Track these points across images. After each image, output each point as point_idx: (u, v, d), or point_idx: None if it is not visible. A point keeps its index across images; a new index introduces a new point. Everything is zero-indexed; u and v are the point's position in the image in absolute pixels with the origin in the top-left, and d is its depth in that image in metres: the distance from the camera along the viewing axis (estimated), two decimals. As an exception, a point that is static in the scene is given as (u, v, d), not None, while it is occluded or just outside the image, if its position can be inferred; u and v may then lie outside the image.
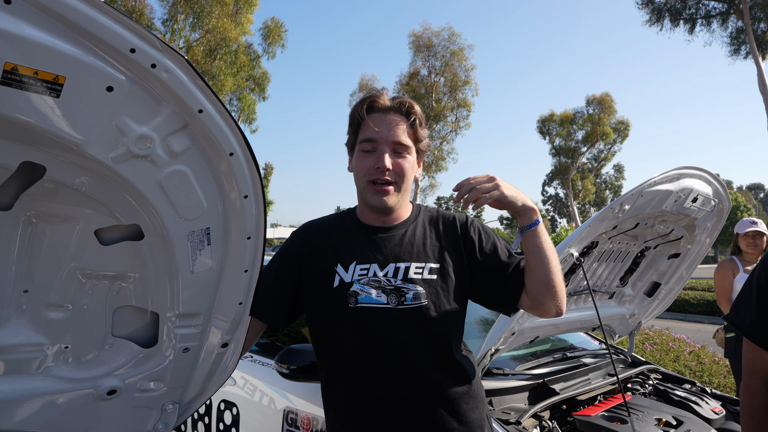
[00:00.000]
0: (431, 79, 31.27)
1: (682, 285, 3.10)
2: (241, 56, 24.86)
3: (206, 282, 1.17)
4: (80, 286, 1.10)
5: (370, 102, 1.45)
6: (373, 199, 1.45)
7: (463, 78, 30.85)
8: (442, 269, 1.47)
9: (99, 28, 0.80)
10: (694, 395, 2.68)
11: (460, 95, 31.33)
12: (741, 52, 21.13)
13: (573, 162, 40.95)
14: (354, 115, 1.48)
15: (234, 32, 23.85)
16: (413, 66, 31.41)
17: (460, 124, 32.04)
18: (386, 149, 1.43)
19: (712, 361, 5.64)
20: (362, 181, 1.46)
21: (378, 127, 1.43)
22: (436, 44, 30.65)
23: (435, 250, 1.50)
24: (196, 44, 23.81)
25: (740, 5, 19.98)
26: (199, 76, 0.92)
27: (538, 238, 1.41)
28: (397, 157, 1.45)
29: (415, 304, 1.42)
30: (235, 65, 24.71)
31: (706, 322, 11.82)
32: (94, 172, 0.95)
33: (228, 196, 1.09)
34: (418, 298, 1.42)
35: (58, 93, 0.81)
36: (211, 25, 23.61)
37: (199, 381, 1.33)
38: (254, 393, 2.60)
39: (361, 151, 1.46)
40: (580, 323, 2.87)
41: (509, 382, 2.35)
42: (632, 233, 2.62)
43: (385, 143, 1.43)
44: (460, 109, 31.69)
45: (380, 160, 1.42)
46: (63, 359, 1.15)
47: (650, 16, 22.14)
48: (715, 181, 2.47)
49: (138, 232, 1.07)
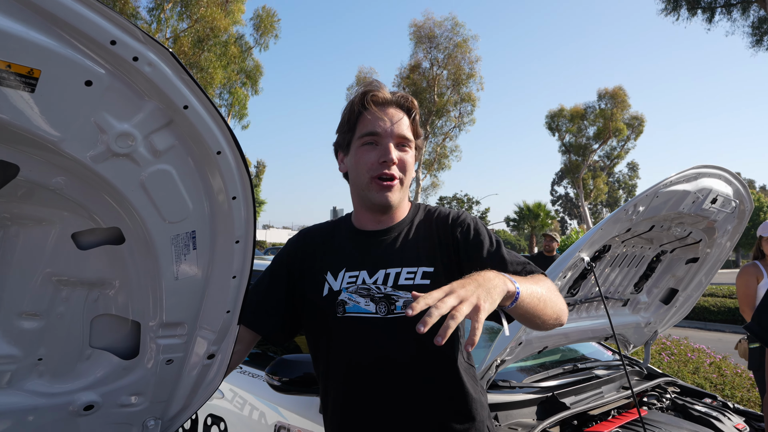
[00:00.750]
0: (433, 71, 31.35)
1: (701, 291, 3.10)
2: (231, 47, 24.90)
3: (191, 289, 1.17)
4: (56, 293, 1.09)
5: (372, 95, 1.46)
6: (377, 196, 1.45)
7: (467, 71, 30.96)
8: (436, 273, 1.45)
9: (77, 19, 0.80)
10: (715, 410, 2.68)
11: (464, 89, 31.43)
12: (764, 42, 21.15)
13: (584, 160, 41.00)
14: (352, 109, 1.48)
15: (224, 22, 23.91)
16: (414, 58, 31.51)
17: (464, 119, 32.16)
18: (391, 142, 1.44)
19: (735, 374, 5.63)
20: (364, 178, 1.45)
21: (381, 120, 1.44)
22: (439, 35, 30.76)
23: (428, 253, 1.48)
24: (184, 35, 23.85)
25: (762, -7, 20.03)
26: (184, 70, 0.92)
27: (525, 304, 1.23)
28: (401, 151, 1.46)
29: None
30: (226, 57, 24.76)
31: (728, 331, 11.82)
32: (72, 172, 0.95)
33: (215, 197, 1.09)
34: (409, 306, 1.41)
35: (32, 87, 0.80)
36: (199, 15, 23.65)
37: (183, 395, 1.33)
38: (243, 407, 2.60)
39: (363, 145, 1.45)
40: (591, 332, 2.87)
41: (516, 396, 2.35)
42: (647, 236, 2.62)
43: (389, 136, 1.44)
44: (463, 104, 31.81)
45: (386, 153, 1.42)
46: (36, 372, 1.14)
47: (666, 4, 22.16)
48: (736, 180, 2.47)
49: (118, 235, 1.07)
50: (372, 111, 1.44)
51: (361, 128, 1.46)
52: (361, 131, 1.46)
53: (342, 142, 1.53)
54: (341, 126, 1.53)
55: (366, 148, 1.45)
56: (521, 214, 37.31)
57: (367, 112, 1.44)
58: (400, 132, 1.45)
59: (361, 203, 1.53)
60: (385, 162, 1.42)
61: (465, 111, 31.94)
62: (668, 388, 2.98)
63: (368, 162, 1.44)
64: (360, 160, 1.46)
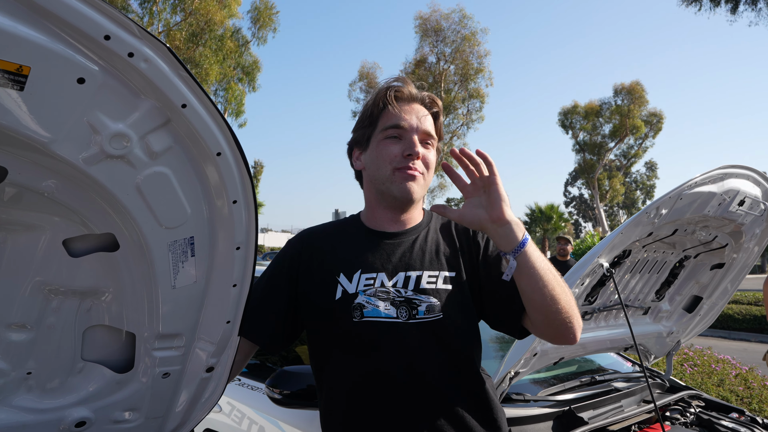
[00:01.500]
0: (440, 66, 31.38)
1: (727, 299, 3.08)
2: (227, 42, 24.98)
3: (189, 298, 1.16)
4: (46, 303, 1.09)
5: (396, 90, 1.48)
6: (399, 188, 1.45)
7: (476, 66, 30.97)
8: (458, 278, 1.47)
9: (69, 12, 0.79)
10: (743, 426, 2.66)
11: (472, 85, 31.43)
12: (790, 34, 21.08)
13: (599, 159, 40.97)
14: (375, 104, 1.49)
15: (219, 15, 23.99)
16: (420, 52, 31.55)
17: (473, 116, 32.13)
18: (415, 137, 1.45)
19: (762, 386, 5.59)
20: (386, 170, 1.45)
21: (407, 114, 1.46)
22: (446, 28, 30.78)
23: (449, 258, 1.49)
24: (177, 28, 23.95)
25: (789, -18, 19.97)
26: (182, 67, 0.91)
27: (530, 258, 1.30)
28: (424, 148, 1.48)
29: (430, 318, 1.40)
30: (221, 52, 24.84)
31: (754, 340, 11.76)
32: (63, 175, 0.94)
33: (214, 201, 1.08)
34: (432, 310, 1.41)
35: (21, 85, 0.80)
36: (194, 7, 23.75)
37: (180, 410, 1.32)
38: (242, 421, 2.59)
39: (386, 138, 1.46)
40: (610, 342, 2.85)
41: (531, 410, 2.33)
42: (669, 241, 2.61)
43: (415, 132, 1.45)
44: (472, 100, 31.80)
45: (412, 146, 1.44)
46: (25, 387, 1.14)
47: (687, -6, 22.13)
48: (765, 181, 2.45)
49: (112, 242, 1.06)
50: (397, 105, 1.46)
51: (384, 122, 1.47)
52: (385, 124, 1.47)
53: (360, 138, 1.54)
54: (361, 121, 1.54)
55: (389, 141, 1.46)
56: (533, 216, 37.24)
57: (392, 107, 1.46)
58: (426, 128, 1.47)
59: (378, 200, 1.53)
60: (410, 155, 1.43)
61: (473, 108, 31.96)
62: (692, 402, 2.96)
63: (391, 154, 1.45)
64: (382, 152, 1.46)
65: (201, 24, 23.93)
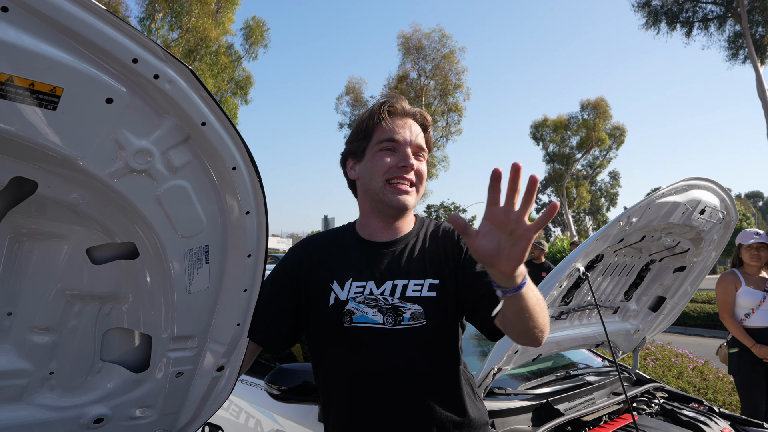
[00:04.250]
0: (421, 82, 31.46)
1: (687, 299, 3.12)
2: (221, 57, 24.81)
3: (203, 302, 1.16)
4: (68, 307, 1.08)
5: (390, 106, 1.49)
6: (392, 198, 1.45)
7: (454, 81, 31.08)
8: (442, 285, 1.46)
9: (100, 37, 0.79)
10: (702, 415, 2.70)
11: (451, 99, 31.53)
12: (739, 56, 21.52)
13: (567, 169, 41.33)
14: (370, 117, 1.49)
15: (214, 32, 23.81)
16: (402, 69, 31.58)
17: (451, 129, 32.22)
18: (409, 150, 1.46)
19: (717, 378, 5.68)
20: (379, 181, 1.46)
21: (400, 129, 1.47)
22: (427, 46, 30.87)
23: (435, 265, 1.49)
24: (175, 44, 23.72)
25: (738, 9, 20.38)
26: (203, 87, 0.92)
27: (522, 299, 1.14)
28: (417, 160, 1.48)
29: (414, 324, 1.41)
30: (216, 66, 24.65)
31: (707, 335, 11.93)
32: (89, 188, 0.94)
33: (229, 212, 1.08)
34: (416, 317, 1.41)
35: (54, 105, 0.80)
36: (190, 25, 23.55)
37: (192, 407, 1.31)
38: (239, 414, 2.57)
39: (381, 150, 1.47)
40: (583, 340, 2.88)
41: (512, 403, 2.34)
42: (638, 246, 2.65)
43: (407, 145, 1.46)
44: (450, 114, 31.88)
45: (405, 158, 1.44)
46: (47, 386, 1.13)
47: (647, 19, 22.49)
48: (723, 192, 2.50)
49: (133, 250, 1.06)
50: (391, 120, 1.47)
51: (378, 135, 1.48)
52: (379, 137, 1.47)
53: (355, 150, 1.53)
54: (356, 134, 1.53)
55: (384, 153, 1.46)
56: (507, 221, 37.35)
57: (386, 122, 1.47)
58: (418, 142, 1.48)
59: (372, 209, 1.52)
60: (404, 167, 1.44)
61: (452, 121, 32.03)
62: (657, 394, 2.99)
63: (385, 165, 1.45)
64: (377, 164, 1.46)
65: (197, 40, 23.75)
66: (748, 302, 4.12)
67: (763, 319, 4.07)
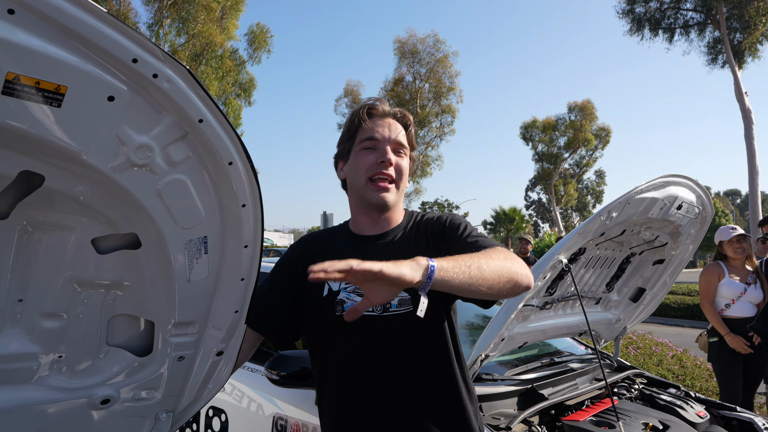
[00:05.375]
0: (416, 85, 31.45)
1: (666, 291, 3.14)
2: (226, 61, 24.76)
3: (202, 290, 1.17)
4: (75, 295, 1.08)
5: (371, 107, 1.50)
6: (373, 195, 1.46)
7: (448, 84, 31.09)
8: None
9: (102, 38, 0.80)
10: (679, 399, 2.72)
11: (445, 101, 31.55)
12: (718, 61, 21.52)
13: (555, 168, 41.34)
14: (353, 119, 1.51)
15: (219, 37, 23.75)
16: (398, 72, 31.59)
17: (445, 129, 32.24)
18: (388, 146, 1.46)
19: (695, 365, 5.72)
20: (362, 179, 1.47)
21: (379, 128, 1.47)
22: (421, 51, 30.86)
23: (420, 252, 1.47)
24: (182, 49, 23.66)
25: (717, 16, 20.40)
26: (200, 86, 0.92)
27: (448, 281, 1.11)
28: (397, 156, 1.48)
29: (401, 310, 1.42)
30: (221, 70, 24.60)
31: (687, 326, 11.98)
32: (93, 181, 0.94)
33: (226, 204, 1.09)
34: (403, 303, 1.42)
35: (59, 103, 0.80)
36: (196, 30, 23.48)
37: (193, 389, 1.32)
38: (242, 399, 2.58)
39: (362, 149, 1.48)
40: (566, 329, 2.90)
41: (498, 388, 2.36)
42: (618, 240, 2.66)
43: (387, 142, 1.47)
44: (444, 115, 31.90)
45: (384, 154, 1.45)
46: (57, 368, 1.13)
47: (631, 25, 22.48)
48: (699, 188, 2.52)
49: (135, 240, 1.06)
50: (371, 121, 1.48)
51: (360, 135, 1.49)
52: (361, 137, 1.48)
53: (342, 152, 1.55)
54: (342, 136, 1.55)
55: (365, 152, 1.47)
56: (498, 218, 37.51)
57: (367, 123, 1.47)
58: (397, 139, 1.48)
59: (358, 206, 1.53)
60: (383, 162, 1.45)
61: (446, 122, 32.05)
62: (636, 380, 3.02)
63: (366, 163, 1.46)
64: (359, 162, 1.47)
65: (203, 45, 23.68)
66: (730, 293, 4.14)
67: (741, 309, 4.09)
